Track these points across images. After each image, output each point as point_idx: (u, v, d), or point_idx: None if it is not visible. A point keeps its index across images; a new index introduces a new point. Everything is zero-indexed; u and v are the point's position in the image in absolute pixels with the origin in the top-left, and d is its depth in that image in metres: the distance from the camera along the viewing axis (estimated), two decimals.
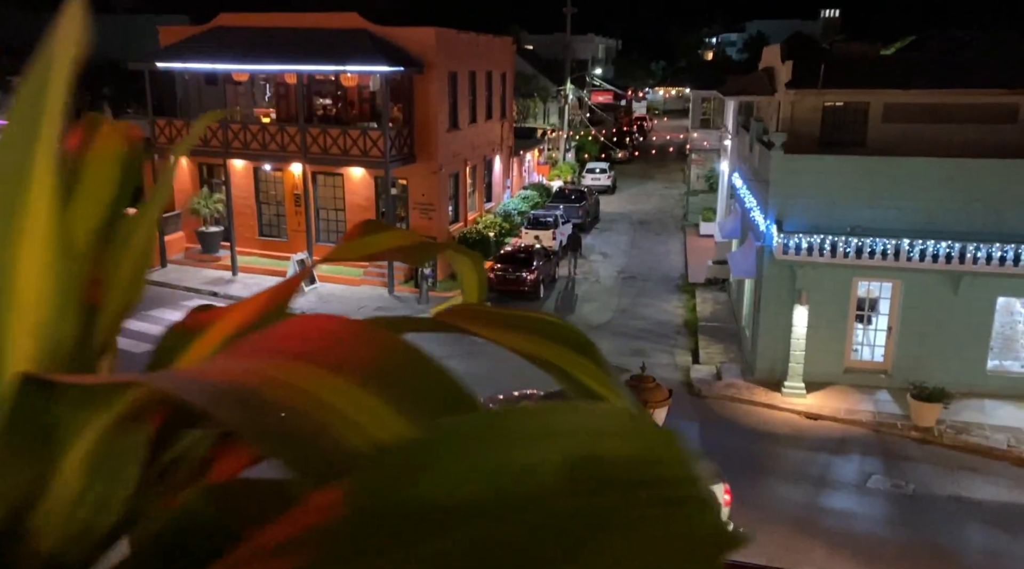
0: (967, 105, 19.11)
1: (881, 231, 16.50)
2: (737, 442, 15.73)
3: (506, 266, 25.03)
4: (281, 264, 25.58)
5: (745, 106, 27.05)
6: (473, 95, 29.06)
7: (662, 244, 33.03)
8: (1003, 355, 17.22)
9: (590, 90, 56.39)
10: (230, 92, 26.86)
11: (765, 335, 18.09)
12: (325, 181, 26.44)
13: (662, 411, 6.33)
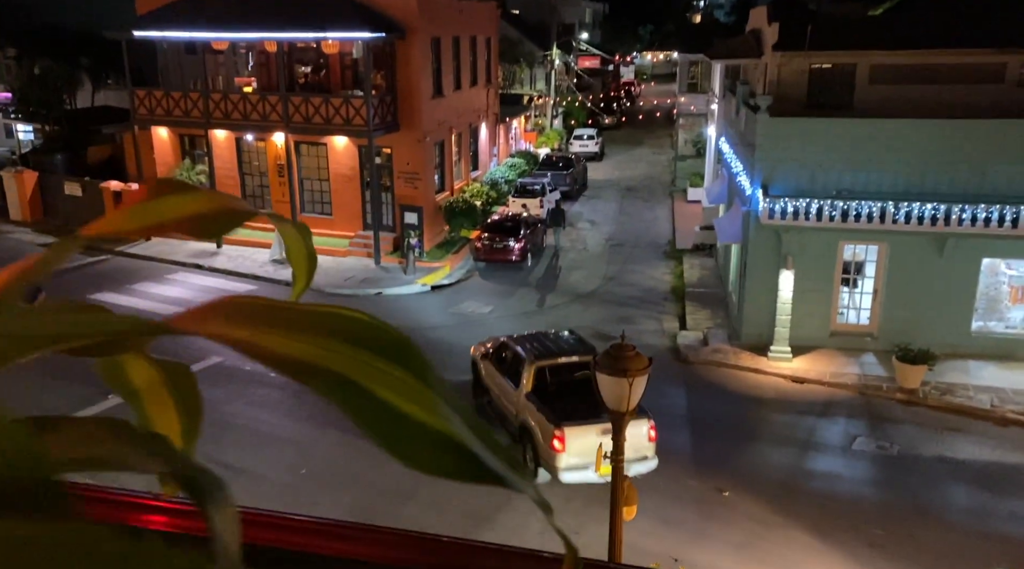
0: (954, 65, 18.94)
1: (867, 194, 16.44)
2: (724, 407, 15.80)
3: (493, 235, 24.91)
4: (267, 236, 25.31)
5: (732, 69, 26.77)
6: (457, 61, 28.65)
7: (650, 210, 32.92)
8: (987, 316, 17.28)
9: (577, 55, 55.77)
10: (209, 61, 26.35)
11: (751, 300, 18.09)
12: (309, 151, 26.11)
13: (642, 379, 6.29)
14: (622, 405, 6.28)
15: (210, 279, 23.24)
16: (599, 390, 6.41)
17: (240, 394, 15.68)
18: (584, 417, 11.93)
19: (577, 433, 11.83)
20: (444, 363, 17.50)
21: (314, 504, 12.00)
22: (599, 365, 6.37)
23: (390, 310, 21.24)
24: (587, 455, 11.58)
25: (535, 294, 22.66)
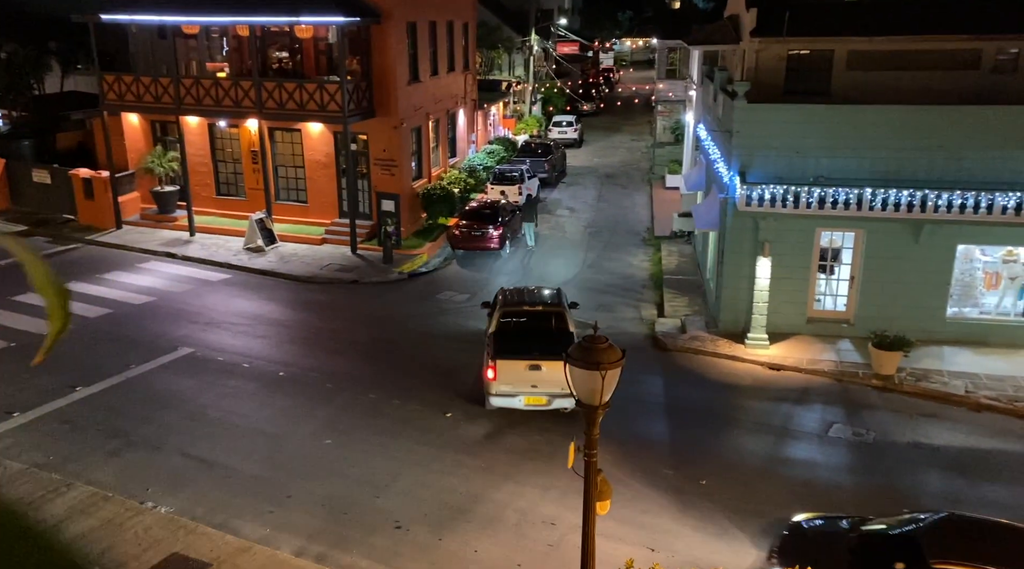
0: (930, 51, 18.94)
1: (844, 180, 16.42)
2: (701, 394, 15.78)
3: (471, 223, 24.70)
4: (240, 224, 25.00)
5: (710, 56, 26.66)
6: (434, 46, 28.30)
7: (628, 197, 32.85)
8: (962, 302, 17.37)
9: (556, 41, 55.42)
10: (181, 46, 25.81)
11: (729, 287, 18.07)
12: (283, 137, 25.72)
13: (615, 372, 6.15)
14: (595, 398, 6.15)
15: (183, 267, 22.86)
16: (570, 383, 6.28)
17: (212, 385, 15.42)
18: (517, 353, 13.69)
19: (508, 366, 13.62)
20: (417, 351, 17.34)
21: (287, 497, 11.83)
22: (570, 357, 6.23)
23: (366, 298, 21.02)
24: (516, 385, 13.65)
25: (512, 281, 22.49)
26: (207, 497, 11.81)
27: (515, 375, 13.70)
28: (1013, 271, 17.04)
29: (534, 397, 13.80)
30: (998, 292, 17.24)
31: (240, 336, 18.00)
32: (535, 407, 13.90)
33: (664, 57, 37.96)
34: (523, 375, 13.69)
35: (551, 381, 13.33)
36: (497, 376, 13.73)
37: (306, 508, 11.60)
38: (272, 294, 20.94)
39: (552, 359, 13.10)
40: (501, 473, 12.56)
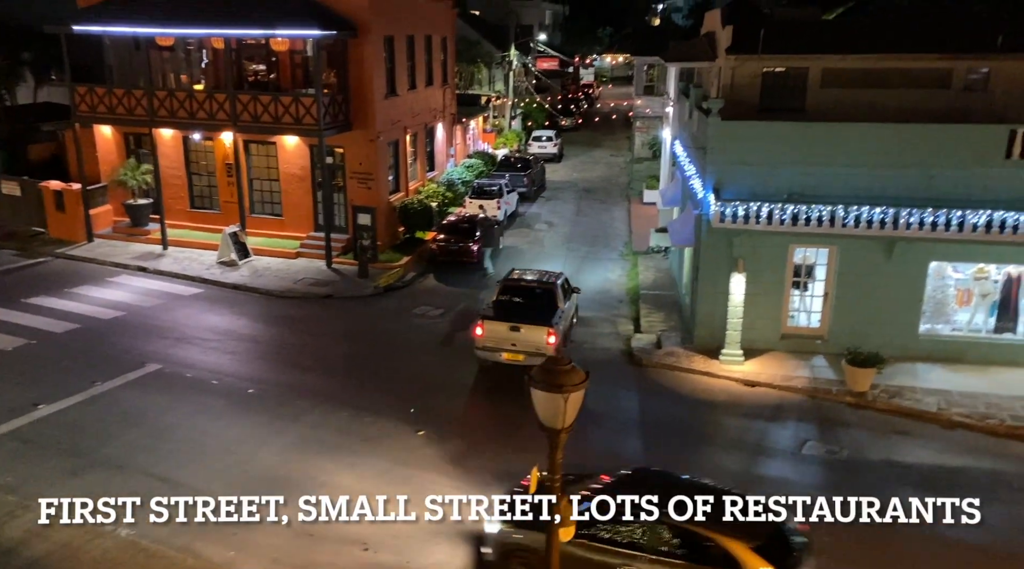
0: (903, 70, 19.16)
1: (818, 197, 16.46)
2: (676, 411, 15.70)
3: (449, 236, 24.60)
4: (214, 237, 24.70)
5: (687, 72, 26.83)
6: (412, 60, 28.24)
7: (607, 212, 32.89)
8: (934, 319, 17.45)
9: (536, 57, 55.65)
10: (155, 58, 25.57)
11: (704, 303, 18.04)
12: (258, 150, 25.49)
13: (579, 394, 6.03)
14: (557, 422, 6.03)
15: (154, 282, 22.52)
16: (534, 406, 6.15)
17: (180, 403, 15.13)
18: (498, 318, 16.55)
19: (492, 326, 16.44)
20: (391, 367, 17.12)
21: (250, 515, 11.54)
22: (533, 380, 6.10)
23: (341, 312, 20.79)
24: (497, 343, 16.39)
25: (489, 296, 22.35)
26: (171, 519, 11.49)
27: (497, 335, 16.37)
28: (984, 288, 17.15)
29: (512, 353, 16.40)
30: (970, 309, 17.34)
31: (210, 352, 17.71)
32: (513, 362, 16.34)
33: (642, 74, 38.22)
34: (504, 335, 16.36)
35: (527, 341, 16.20)
36: (483, 334, 16.45)
37: (272, 529, 11.32)
38: (244, 309, 20.65)
39: (530, 324, 16.24)
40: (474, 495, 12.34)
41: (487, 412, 15.80)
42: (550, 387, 5.98)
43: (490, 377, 16.80)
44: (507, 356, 16.47)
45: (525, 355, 16.14)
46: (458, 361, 17.72)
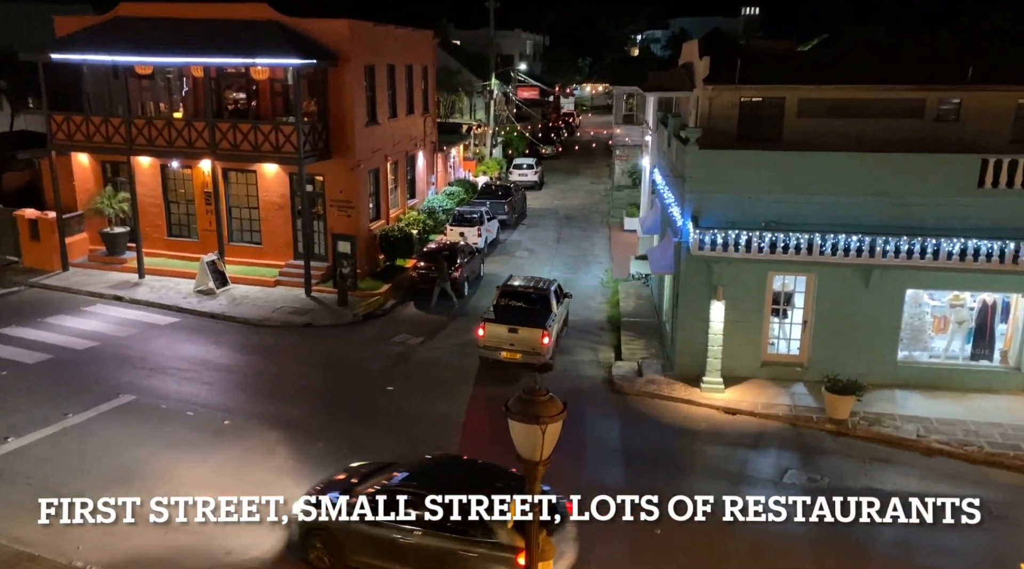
0: (877, 100, 19.46)
1: (796, 225, 16.61)
2: (657, 439, 15.62)
3: (429, 264, 24.51)
4: (191, 265, 24.47)
5: (665, 102, 27.12)
6: (393, 89, 28.36)
7: (588, 240, 33.00)
8: (912, 346, 17.58)
9: (516, 86, 56.14)
10: (133, 86, 25.48)
11: (684, 330, 18.06)
12: (237, 178, 25.38)
13: (556, 426, 5.96)
14: (535, 454, 5.94)
15: (130, 311, 22.22)
16: (512, 437, 6.06)
17: (153, 435, 14.83)
18: (498, 321, 18.62)
19: (492, 327, 18.52)
20: (369, 397, 16.92)
21: (226, 553, 11.30)
22: (510, 411, 6.02)
23: (319, 341, 20.59)
24: (497, 342, 18.48)
25: (470, 324, 22.26)
26: (143, 555, 11.23)
27: (497, 335, 18.48)
28: (960, 315, 17.32)
29: (510, 352, 18.47)
30: (946, 336, 17.49)
31: (186, 382, 17.43)
32: (511, 360, 18.44)
33: (622, 103, 38.61)
34: (504, 336, 18.45)
35: (524, 341, 18.34)
36: (485, 335, 18.55)
37: (245, 566, 11.09)
38: (221, 338, 20.40)
39: (526, 326, 18.38)
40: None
41: (472, 444, 15.62)
42: (527, 418, 5.90)
43: (481, 405, 16.68)
44: (506, 355, 18.50)
45: (522, 354, 18.33)
46: (440, 390, 17.58)
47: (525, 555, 6.60)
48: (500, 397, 7.51)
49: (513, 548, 9.59)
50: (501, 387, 17.93)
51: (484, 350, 18.75)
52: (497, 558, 9.74)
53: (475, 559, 9.83)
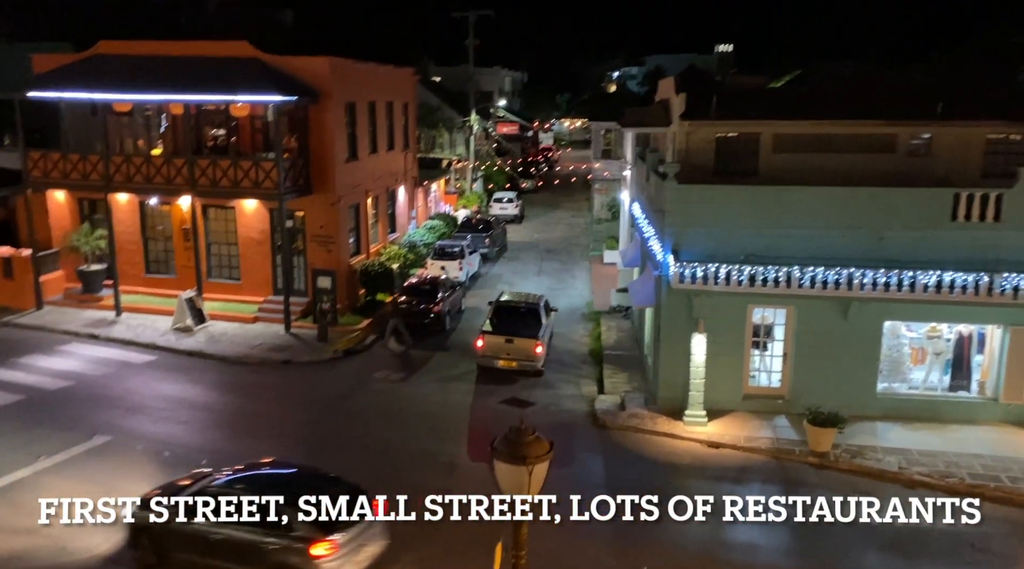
0: (851, 135, 19.85)
1: (774, 258, 16.75)
2: (641, 475, 15.52)
3: (411, 298, 24.43)
4: (169, 302, 24.21)
5: (643, 137, 27.47)
6: (373, 125, 28.51)
7: (568, 272, 33.08)
8: (891, 377, 17.70)
9: (496, 121, 56.68)
10: (112, 123, 25.40)
11: (666, 363, 18.08)
12: (216, 214, 25.27)
13: (543, 466, 5.90)
14: (522, 494, 5.87)
15: (106, 349, 21.88)
16: (497, 478, 5.99)
17: (129, 477, 14.49)
18: (496, 332, 20.50)
19: (490, 338, 20.36)
20: (348, 434, 16.69)
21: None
22: (496, 451, 5.96)
23: (299, 378, 20.36)
24: (495, 352, 20.32)
25: (452, 358, 22.17)
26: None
27: (495, 346, 20.32)
28: (937, 347, 17.50)
29: (506, 361, 20.27)
30: (925, 367, 17.64)
31: (162, 422, 17.14)
32: (507, 368, 20.27)
33: (600, 138, 39.06)
34: (500, 346, 20.27)
35: (519, 351, 20.20)
36: (484, 346, 20.38)
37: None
38: (199, 376, 20.12)
39: (520, 337, 20.25)
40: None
41: (457, 480, 15.42)
42: (514, 459, 5.84)
43: (463, 442, 16.52)
44: (502, 363, 20.32)
45: (517, 362, 20.21)
46: (421, 427, 17.41)
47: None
48: (483, 434, 7.48)
49: (308, 539, 10.71)
50: (484, 423, 17.82)
51: (483, 359, 20.48)
52: (293, 549, 10.80)
53: (276, 551, 10.88)
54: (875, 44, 57.43)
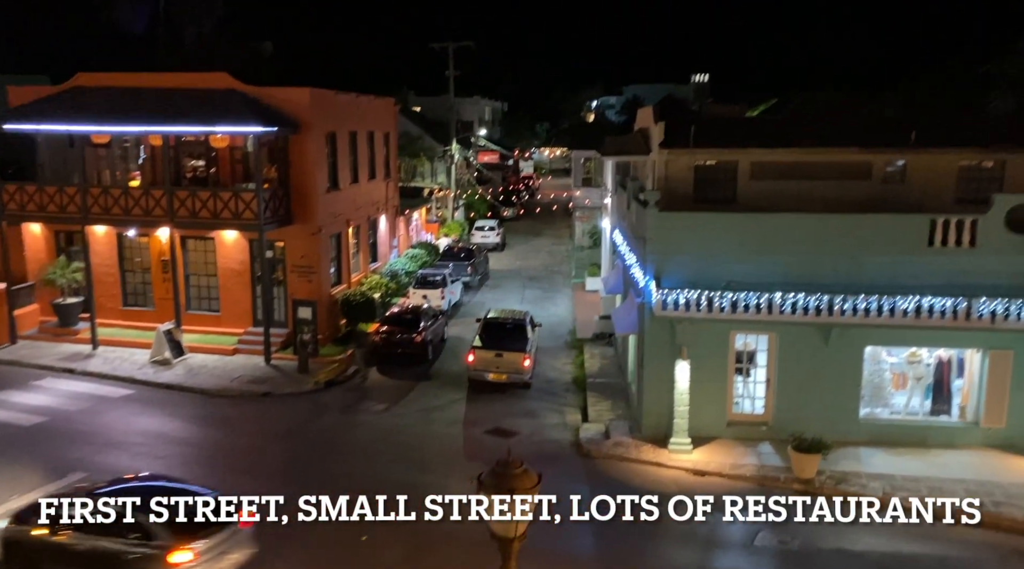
0: (827, 163, 20.12)
1: (755, 285, 16.83)
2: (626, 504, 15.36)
3: (392, 328, 24.27)
4: (148, 335, 23.88)
5: (623, 165, 27.69)
6: (354, 155, 28.54)
7: (550, 300, 33.08)
8: (873, 403, 17.77)
9: (477, 150, 56.99)
10: (90, 155, 25.23)
11: (650, 391, 18.04)
12: (195, 245, 25.07)
13: (530, 498, 5.81)
14: (510, 530, 5.77)
15: (82, 384, 21.51)
16: (484, 515, 5.89)
17: None
18: (486, 347, 21.62)
19: (481, 353, 21.53)
20: (329, 468, 16.44)
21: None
22: (483, 485, 5.87)
23: (279, 411, 20.09)
24: (485, 366, 21.44)
25: (435, 388, 22.00)
26: None
27: (485, 360, 21.47)
28: (918, 371, 17.62)
29: (496, 374, 21.37)
30: (906, 392, 17.74)
31: (139, 457, 16.80)
32: (497, 381, 21.40)
33: (580, 166, 39.34)
34: (491, 360, 21.43)
35: (508, 364, 21.37)
36: (475, 361, 21.51)
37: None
38: (177, 410, 19.80)
39: (509, 351, 21.47)
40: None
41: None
42: (502, 493, 5.75)
43: (444, 474, 16.32)
44: (493, 376, 21.43)
45: (507, 375, 21.35)
46: (403, 459, 17.19)
47: None
48: (468, 465, 7.38)
49: (166, 547, 11.01)
50: (469, 454, 17.65)
51: (474, 372, 21.57)
52: (153, 557, 11.07)
53: (137, 559, 11.17)
54: (848, 73, 58.59)
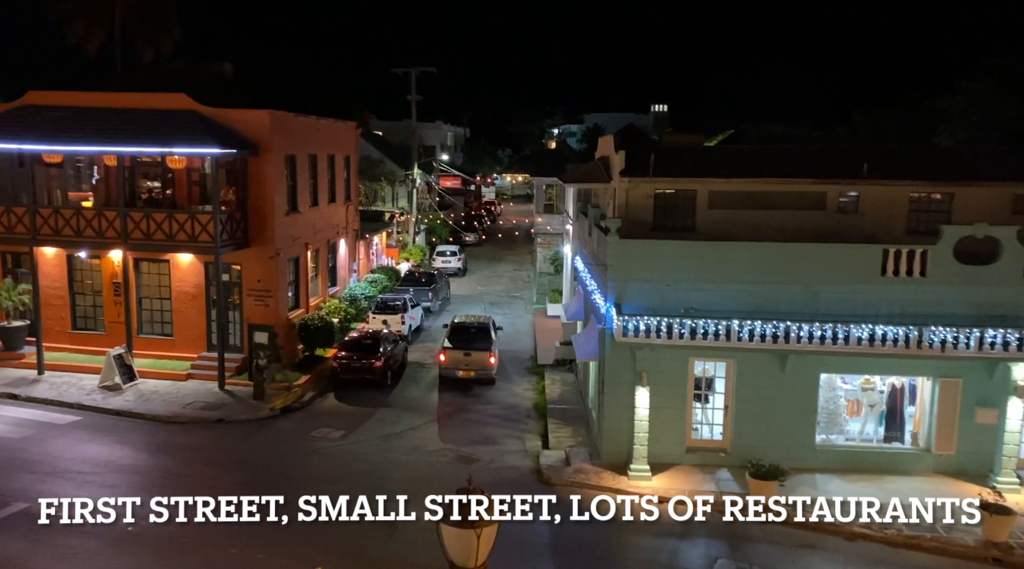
0: (783, 193, 20.55)
1: (714, 312, 17.01)
2: (586, 532, 15.25)
3: (351, 353, 23.97)
4: (98, 360, 23.22)
5: (584, 193, 27.94)
6: (314, 178, 28.32)
7: (511, 326, 33.00)
8: (829, 429, 18.01)
9: (438, 175, 57.04)
10: (40, 174, 24.61)
11: (610, 417, 18.05)
12: (149, 268, 24.54)
13: (492, 529, 5.71)
14: (470, 560, 5.66)
15: (26, 410, 20.77)
16: (444, 543, 5.77)
17: (47, 547, 13.62)
18: (454, 347, 24.30)
19: (451, 352, 24.23)
20: (284, 497, 16.00)
21: None
22: (443, 517, 5.76)
23: (233, 438, 19.62)
24: (455, 364, 24.14)
25: (394, 415, 21.73)
26: None
27: (455, 359, 24.14)
28: (872, 398, 17.92)
29: (465, 371, 24.04)
30: (860, 419, 18.02)
31: (85, 486, 16.21)
32: (466, 377, 24.07)
33: (542, 193, 39.62)
34: (460, 359, 24.12)
35: (476, 362, 24.11)
36: (446, 360, 24.15)
37: None
38: (127, 437, 19.21)
39: (476, 351, 24.24)
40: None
41: (397, 544, 14.93)
42: (461, 524, 5.64)
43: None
44: (462, 373, 24.04)
45: (475, 372, 24.00)
46: (362, 488, 16.82)
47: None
48: (426, 493, 7.27)
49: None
50: (428, 482, 17.39)
51: (446, 371, 24.23)
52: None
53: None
54: (802, 107, 60.21)
